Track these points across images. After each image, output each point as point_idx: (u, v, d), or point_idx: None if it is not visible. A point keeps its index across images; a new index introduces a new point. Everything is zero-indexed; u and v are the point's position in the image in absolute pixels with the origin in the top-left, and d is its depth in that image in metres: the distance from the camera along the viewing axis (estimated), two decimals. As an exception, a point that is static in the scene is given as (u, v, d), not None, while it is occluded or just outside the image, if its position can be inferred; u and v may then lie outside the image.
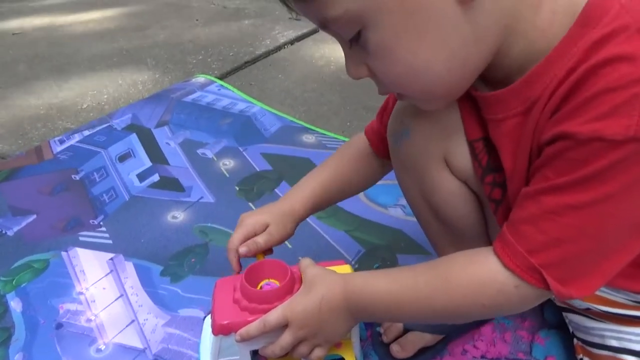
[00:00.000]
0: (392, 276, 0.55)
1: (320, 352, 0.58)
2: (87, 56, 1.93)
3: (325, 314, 0.55)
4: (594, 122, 0.40)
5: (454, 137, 0.57)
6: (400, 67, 0.46)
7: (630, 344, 0.56)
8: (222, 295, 0.62)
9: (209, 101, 1.44)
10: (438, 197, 0.61)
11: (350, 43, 0.47)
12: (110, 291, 0.86)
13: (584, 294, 0.45)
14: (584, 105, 0.40)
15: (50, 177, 1.17)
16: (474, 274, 0.48)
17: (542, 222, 0.44)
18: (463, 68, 0.47)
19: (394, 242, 0.92)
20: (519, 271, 0.45)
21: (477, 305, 0.48)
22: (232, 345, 0.60)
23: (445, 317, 0.54)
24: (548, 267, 0.44)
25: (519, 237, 0.45)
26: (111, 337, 0.78)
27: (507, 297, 0.47)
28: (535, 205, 0.44)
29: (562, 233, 0.43)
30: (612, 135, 0.39)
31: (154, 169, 1.17)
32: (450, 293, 0.49)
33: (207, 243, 0.95)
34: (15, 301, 0.85)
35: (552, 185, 0.43)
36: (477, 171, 0.56)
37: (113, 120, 1.37)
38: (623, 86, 0.39)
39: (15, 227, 1.02)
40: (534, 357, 0.69)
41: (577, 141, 0.41)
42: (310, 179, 0.71)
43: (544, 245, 0.44)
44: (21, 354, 0.76)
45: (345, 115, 1.37)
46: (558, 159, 0.43)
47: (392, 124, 0.63)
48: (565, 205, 0.43)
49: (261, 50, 1.85)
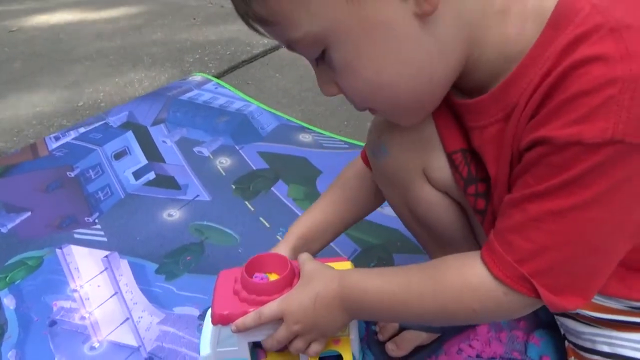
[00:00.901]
0: (385, 275, 0.55)
1: (317, 347, 0.59)
2: (83, 54, 1.93)
3: (320, 310, 0.55)
4: (571, 126, 0.39)
5: (431, 151, 0.57)
6: (364, 83, 0.47)
7: (622, 350, 0.56)
8: (224, 286, 0.63)
9: (206, 99, 1.44)
10: (420, 209, 0.61)
11: (317, 62, 0.48)
12: (104, 289, 0.86)
13: (577, 303, 0.45)
14: (560, 108, 0.40)
15: (45, 174, 1.16)
16: (465, 279, 0.48)
17: (527, 230, 0.44)
18: (430, 82, 0.47)
19: (390, 242, 0.92)
20: (508, 281, 0.45)
21: (468, 310, 0.48)
22: (232, 336, 0.61)
23: (437, 319, 0.54)
24: (538, 276, 0.44)
25: (506, 247, 0.45)
26: (105, 334, 0.78)
27: (497, 303, 0.46)
28: (519, 213, 0.44)
29: (549, 240, 0.43)
30: (589, 139, 0.39)
31: (150, 166, 1.17)
32: (441, 295, 0.49)
33: (202, 241, 0.95)
34: (9, 298, 0.85)
35: (534, 192, 0.43)
36: (458, 183, 0.56)
37: (109, 118, 1.36)
38: (597, 88, 0.38)
39: (10, 224, 1.01)
40: (529, 357, 0.69)
41: (555, 146, 0.41)
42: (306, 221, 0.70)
43: (532, 253, 0.44)
44: (14, 351, 0.76)
45: (342, 115, 1.37)
46: (538, 164, 0.43)
47: (369, 140, 0.63)
48: (548, 212, 0.42)
49: (258, 50, 1.85)
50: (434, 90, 0.48)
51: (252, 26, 0.47)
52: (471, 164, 0.54)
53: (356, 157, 0.72)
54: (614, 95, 0.38)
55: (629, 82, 0.37)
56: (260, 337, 0.60)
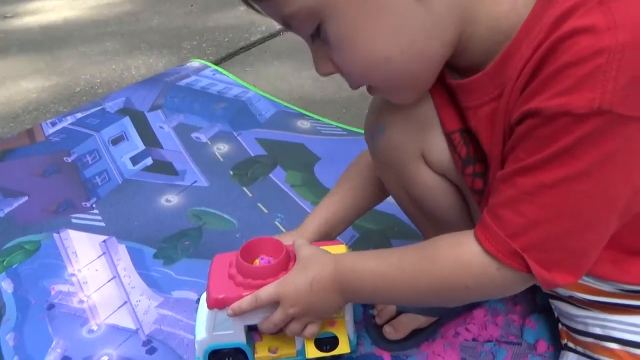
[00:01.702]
0: (380, 257, 0.55)
1: (313, 329, 0.59)
2: (80, 40, 1.91)
3: (316, 293, 0.56)
4: (559, 97, 0.39)
5: (429, 132, 0.57)
6: (360, 57, 0.47)
7: (614, 332, 0.56)
8: (218, 270, 0.63)
9: (204, 85, 1.43)
10: (419, 192, 0.61)
11: (313, 39, 0.48)
12: (102, 273, 0.86)
13: (568, 280, 0.45)
14: (548, 80, 0.40)
15: (42, 159, 1.15)
16: (458, 256, 0.48)
17: (519, 204, 0.44)
18: (424, 57, 0.47)
19: (387, 227, 0.92)
20: (500, 256, 0.45)
21: (461, 286, 0.48)
22: (227, 320, 0.61)
23: (431, 298, 0.54)
24: (529, 250, 0.44)
25: (498, 221, 0.45)
26: (103, 318, 0.78)
27: (490, 279, 0.47)
28: (510, 187, 0.44)
29: (540, 214, 0.43)
30: (577, 109, 0.39)
31: (148, 152, 1.16)
32: (434, 273, 0.50)
33: (200, 227, 0.95)
34: (6, 282, 0.85)
35: (525, 166, 0.43)
36: (456, 163, 0.56)
37: (106, 104, 1.36)
38: (585, 58, 0.38)
39: (7, 209, 1.01)
40: (525, 340, 0.70)
41: (544, 117, 0.41)
42: (319, 216, 0.71)
43: (523, 228, 0.44)
44: (12, 334, 0.76)
45: (340, 102, 1.36)
46: (528, 137, 0.43)
47: (367, 122, 0.63)
48: (539, 185, 0.42)
49: (256, 37, 1.83)
50: (428, 66, 0.49)
51: (249, 4, 0.47)
52: (470, 144, 0.54)
53: (362, 152, 0.72)
54: (600, 65, 0.38)
55: (615, 52, 0.37)
56: (256, 320, 0.61)
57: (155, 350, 0.72)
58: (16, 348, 0.74)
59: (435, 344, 0.70)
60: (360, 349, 0.70)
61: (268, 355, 0.66)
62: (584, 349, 0.59)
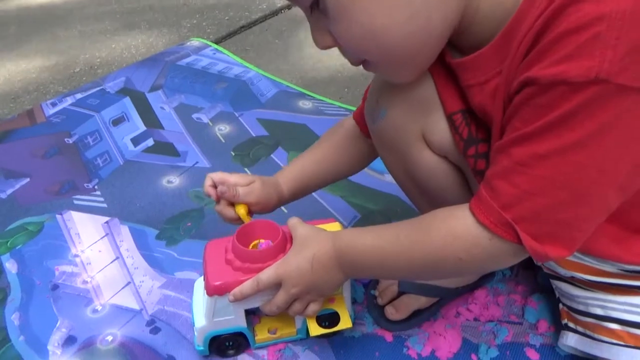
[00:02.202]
0: (377, 232, 0.55)
1: (315, 307, 0.60)
2: (79, 19, 1.89)
3: (317, 271, 0.56)
4: (556, 65, 0.38)
5: (431, 113, 0.56)
6: (358, 29, 0.46)
7: (614, 312, 0.56)
8: (214, 257, 0.62)
9: (204, 65, 1.42)
10: (420, 173, 0.61)
11: (312, 10, 0.47)
12: (105, 254, 0.86)
13: (560, 253, 0.44)
14: (547, 48, 0.39)
15: (43, 140, 1.15)
16: (451, 228, 0.48)
17: (513, 175, 0.43)
18: (425, 32, 0.46)
19: (389, 208, 0.92)
20: (492, 227, 0.45)
21: (454, 258, 0.48)
22: (227, 306, 0.61)
23: (426, 271, 0.54)
24: (521, 222, 0.44)
25: (492, 192, 0.45)
26: (107, 298, 0.78)
27: (482, 250, 0.46)
28: (506, 158, 0.44)
29: (533, 185, 0.42)
30: (574, 78, 0.38)
31: (149, 133, 1.16)
32: (428, 245, 0.50)
33: (202, 208, 0.95)
34: (10, 262, 0.85)
35: (520, 136, 0.42)
36: (458, 145, 0.55)
37: (106, 84, 1.35)
38: (585, 25, 0.37)
39: (9, 190, 1.01)
40: (526, 320, 0.70)
41: (541, 86, 0.40)
42: (296, 164, 0.72)
43: (516, 199, 0.43)
44: (17, 313, 0.77)
45: (342, 81, 1.35)
46: (525, 106, 0.42)
47: (368, 104, 0.62)
48: (534, 155, 0.42)
49: (257, 15, 1.81)
50: (429, 41, 0.47)
51: None
52: (471, 124, 0.53)
53: (345, 118, 0.72)
54: (600, 33, 0.37)
55: (616, 19, 0.36)
56: (256, 303, 0.61)
57: (159, 330, 0.73)
58: (21, 327, 0.75)
59: (436, 324, 0.70)
60: (362, 329, 0.71)
61: (268, 336, 0.67)
62: (585, 329, 0.59)
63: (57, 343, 0.72)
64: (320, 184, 0.73)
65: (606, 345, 0.56)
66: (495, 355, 0.66)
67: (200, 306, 0.65)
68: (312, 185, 0.73)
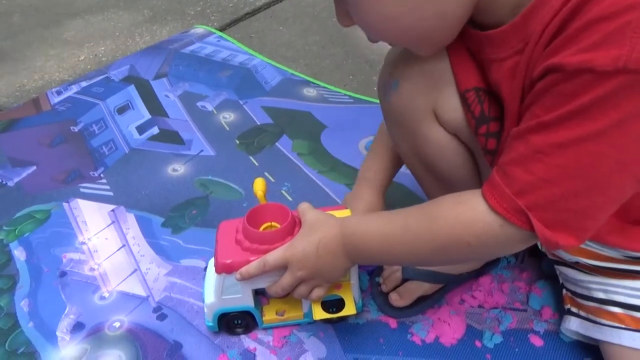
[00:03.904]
0: (384, 217, 0.56)
1: (319, 292, 0.60)
2: (82, 7, 1.88)
3: (323, 256, 0.56)
4: (583, 53, 0.38)
5: (443, 90, 0.56)
6: (372, 16, 0.47)
7: (615, 296, 0.56)
8: (225, 236, 0.64)
9: (208, 53, 1.41)
10: (428, 150, 0.61)
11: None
12: (112, 241, 0.87)
13: (571, 242, 0.44)
14: (576, 35, 0.39)
15: (48, 128, 1.15)
16: (460, 213, 0.48)
17: (529, 162, 0.43)
18: (437, 15, 0.46)
19: (395, 196, 0.91)
20: (505, 213, 0.45)
21: (463, 244, 0.48)
22: (235, 284, 0.62)
23: (434, 256, 0.54)
24: (534, 209, 0.43)
25: (506, 179, 0.44)
26: (114, 285, 0.79)
27: (492, 236, 0.46)
28: (523, 145, 0.43)
29: (549, 173, 0.42)
30: (601, 67, 0.37)
31: (154, 121, 1.16)
32: (436, 231, 0.50)
33: (207, 195, 0.95)
34: (19, 250, 0.86)
35: (540, 123, 0.42)
36: (470, 122, 0.55)
37: (110, 72, 1.34)
38: (616, 13, 0.36)
39: (16, 178, 1.02)
40: (530, 307, 0.70)
41: (565, 73, 0.39)
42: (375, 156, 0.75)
43: (531, 186, 0.43)
44: (27, 300, 0.78)
45: (347, 69, 1.34)
46: (547, 94, 0.41)
47: (381, 76, 0.62)
48: (552, 144, 0.41)
49: (262, 1, 1.79)
50: (442, 23, 0.47)
51: None
52: (484, 102, 0.53)
53: None
54: (631, 21, 0.36)
55: None
56: (263, 284, 0.62)
57: (165, 317, 0.74)
58: (31, 314, 0.76)
59: (440, 310, 0.71)
60: (367, 316, 0.71)
61: (275, 317, 0.68)
62: (587, 314, 0.59)
63: (66, 329, 0.73)
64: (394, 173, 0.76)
65: (608, 328, 0.56)
66: (500, 341, 0.67)
67: (211, 284, 0.66)
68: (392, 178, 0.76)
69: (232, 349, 0.68)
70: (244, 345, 0.68)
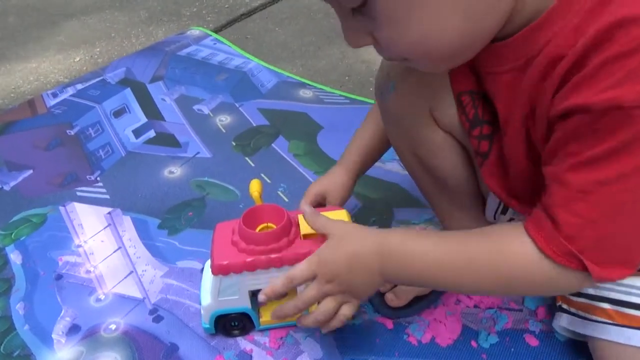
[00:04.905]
0: (433, 239, 0.52)
1: (349, 309, 0.56)
2: (78, 8, 1.88)
3: (356, 271, 0.53)
4: (608, 91, 0.38)
5: (440, 91, 0.56)
6: (412, 36, 0.43)
7: (606, 292, 0.57)
8: (221, 237, 0.64)
9: (204, 56, 1.41)
10: (425, 150, 0.61)
11: (353, 12, 0.43)
12: (108, 244, 0.87)
13: (624, 273, 0.45)
14: (596, 73, 0.39)
15: (44, 131, 1.15)
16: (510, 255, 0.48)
17: (573, 203, 0.43)
18: (477, 35, 0.44)
19: (390, 196, 0.92)
20: (557, 257, 0.45)
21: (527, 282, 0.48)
22: (232, 286, 0.63)
23: (490, 290, 0.54)
24: (586, 251, 0.44)
25: (553, 223, 0.44)
26: (110, 287, 0.79)
27: (547, 279, 0.47)
28: (563, 186, 0.43)
29: (594, 212, 0.42)
30: (630, 102, 0.37)
31: (150, 124, 1.16)
32: (502, 267, 0.48)
33: (204, 197, 0.95)
34: (15, 254, 0.86)
35: (577, 163, 0.42)
36: (464, 124, 0.55)
37: (106, 74, 1.34)
38: (635, 49, 0.37)
39: (12, 182, 1.02)
40: (526, 307, 0.71)
41: (594, 113, 0.39)
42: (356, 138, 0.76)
43: (579, 228, 0.43)
44: (22, 303, 0.78)
45: (343, 70, 1.34)
46: (579, 134, 0.41)
47: (378, 78, 0.62)
48: (593, 182, 0.41)
49: (257, 2, 1.79)
50: (476, 44, 0.45)
51: None
52: (478, 106, 0.53)
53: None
54: None
55: None
56: (261, 285, 0.62)
57: (161, 319, 0.74)
58: (26, 317, 0.76)
59: (437, 311, 0.71)
60: (363, 316, 0.71)
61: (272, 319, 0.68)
62: (577, 310, 0.60)
63: (62, 332, 0.73)
64: (379, 155, 0.77)
65: (596, 324, 0.57)
66: (495, 341, 0.67)
67: (207, 285, 0.66)
68: (375, 159, 0.77)
69: (228, 351, 0.68)
70: (241, 346, 0.68)
